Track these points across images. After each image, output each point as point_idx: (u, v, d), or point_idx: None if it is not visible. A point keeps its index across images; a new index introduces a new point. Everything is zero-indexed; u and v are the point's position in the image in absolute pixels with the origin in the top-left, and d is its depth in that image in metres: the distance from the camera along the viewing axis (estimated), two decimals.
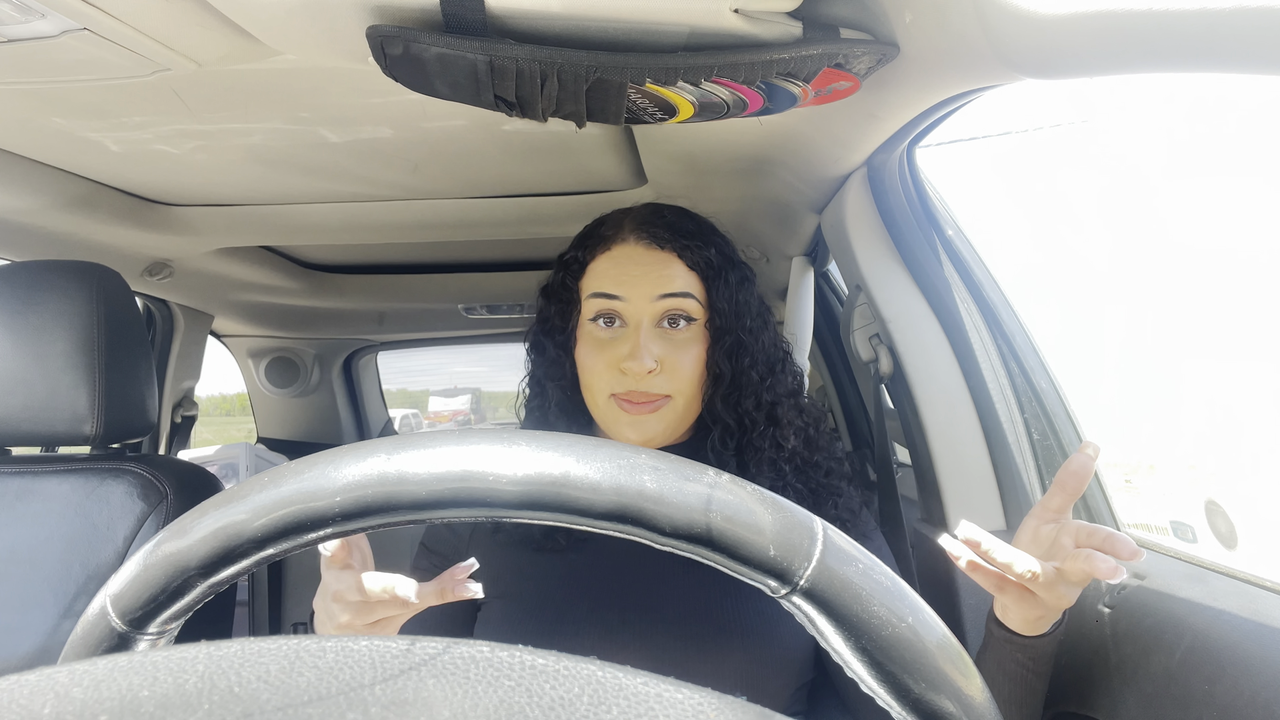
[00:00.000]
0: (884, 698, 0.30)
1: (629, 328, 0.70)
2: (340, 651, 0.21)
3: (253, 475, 0.33)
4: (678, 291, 0.70)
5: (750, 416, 0.72)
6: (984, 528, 0.68)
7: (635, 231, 0.73)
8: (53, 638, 0.88)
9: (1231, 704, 0.51)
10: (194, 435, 1.91)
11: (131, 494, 0.95)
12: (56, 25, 0.58)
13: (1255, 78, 0.35)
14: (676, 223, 0.73)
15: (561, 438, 0.31)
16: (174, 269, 1.44)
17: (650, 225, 0.73)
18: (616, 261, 0.72)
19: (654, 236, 0.72)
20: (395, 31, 0.52)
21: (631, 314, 0.70)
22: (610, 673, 0.22)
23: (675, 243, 0.71)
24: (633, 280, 0.70)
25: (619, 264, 0.72)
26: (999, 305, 0.88)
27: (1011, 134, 22.14)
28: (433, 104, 0.70)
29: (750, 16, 0.52)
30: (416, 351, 2.62)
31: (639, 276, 0.70)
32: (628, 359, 0.68)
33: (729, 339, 0.71)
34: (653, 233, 0.72)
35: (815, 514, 0.32)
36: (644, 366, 0.67)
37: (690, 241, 0.72)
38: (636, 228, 0.73)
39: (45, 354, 0.93)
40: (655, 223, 0.73)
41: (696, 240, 0.72)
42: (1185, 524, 1.70)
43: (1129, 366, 19.18)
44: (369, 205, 1.20)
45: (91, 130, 0.86)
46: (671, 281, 0.70)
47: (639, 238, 0.72)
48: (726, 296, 0.71)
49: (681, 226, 0.73)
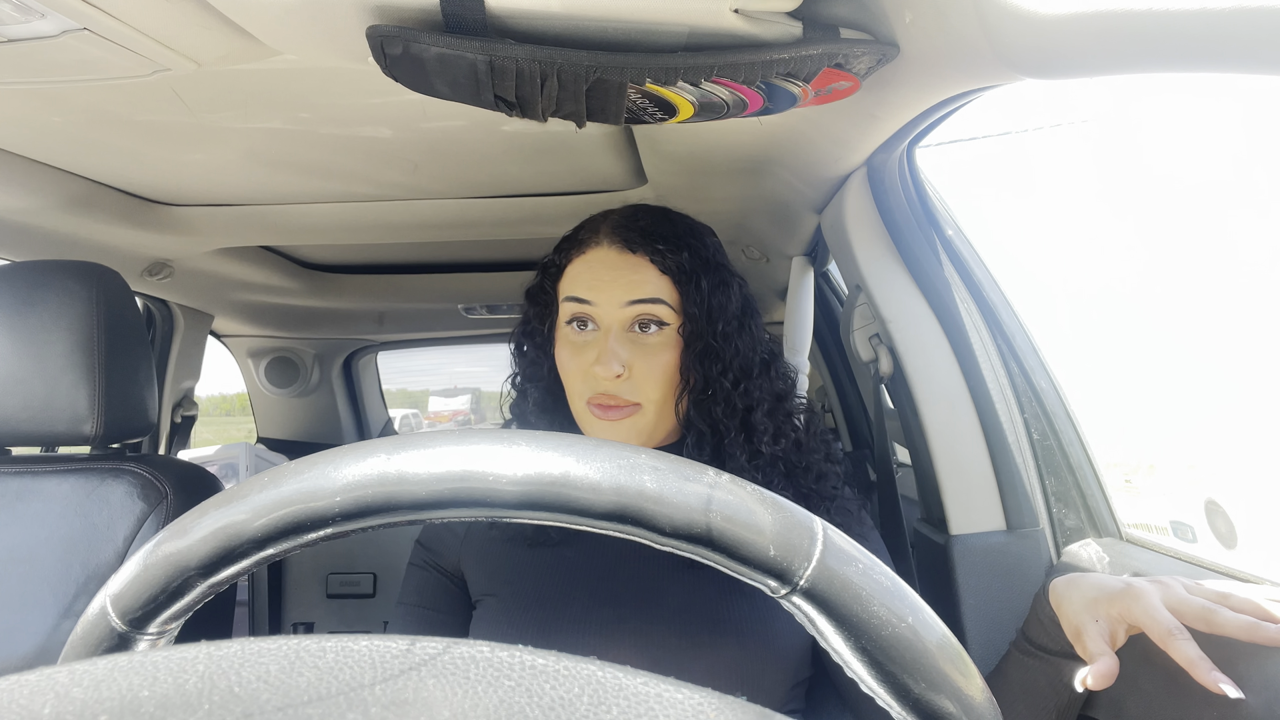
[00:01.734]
0: (884, 698, 0.30)
1: (600, 331, 0.70)
2: (340, 651, 0.21)
3: (253, 475, 0.33)
4: (647, 297, 0.69)
5: (723, 424, 0.71)
6: (984, 528, 0.68)
7: (610, 235, 0.72)
8: (52, 638, 0.88)
9: (1232, 704, 0.51)
10: (194, 435, 1.91)
11: (131, 494, 0.95)
12: (56, 25, 0.58)
13: (1255, 78, 0.35)
14: (651, 226, 0.72)
15: (562, 438, 0.31)
16: (174, 269, 1.44)
17: (624, 229, 0.72)
18: (590, 265, 0.72)
19: (627, 241, 0.71)
20: (395, 31, 0.52)
21: (602, 318, 0.70)
22: (610, 673, 0.22)
23: (647, 247, 0.70)
24: (603, 285, 0.70)
25: (591, 268, 0.71)
26: (999, 305, 0.88)
27: (1011, 134, 22.16)
28: (433, 104, 0.70)
29: (750, 16, 0.52)
30: (416, 351, 2.62)
31: (609, 281, 0.70)
32: (595, 363, 0.68)
33: (699, 344, 0.70)
34: (626, 237, 0.71)
35: None
36: (610, 371, 0.67)
37: (663, 245, 0.71)
38: (611, 231, 0.72)
39: (45, 354, 0.93)
40: (630, 226, 0.72)
41: (670, 244, 0.71)
42: (1185, 524, 1.70)
43: (1129, 366, 19.19)
44: (369, 205, 1.20)
45: (91, 130, 0.86)
46: (641, 287, 0.69)
47: (612, 241, 0.72)
48: (698, 301, 0.70)
49: (656, 230, 0.72)
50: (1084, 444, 0.85)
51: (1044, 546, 0.82)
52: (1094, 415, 0.94)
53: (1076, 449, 0.85)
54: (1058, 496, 0.84)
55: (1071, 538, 0.83)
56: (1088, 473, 0.84)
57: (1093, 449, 0.85)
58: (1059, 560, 0.82)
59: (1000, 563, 0.81)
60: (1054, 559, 0.82)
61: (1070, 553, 0.81)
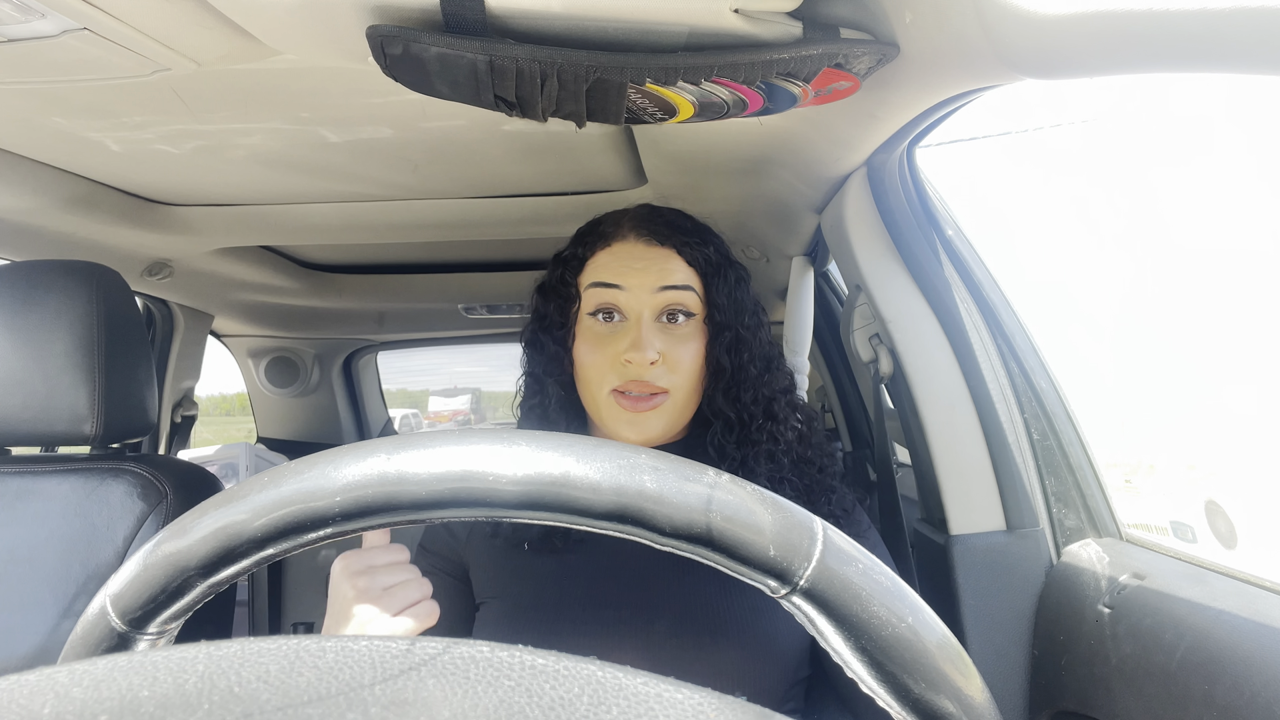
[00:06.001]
0: (884, 698, 0.30)
1: (629, 321, 0.71)
2: (340, 651, 0.21)
3: (253, 475, 0.33)
4: (679, 284, 0.71)
5: (749, 410, 0.73)
6: (984, 528, 0.68)
7: (635, 229, 0.74)
8: (52, 638, 0.88)
9: (1231, 704, 0.51)
10: (194, 435, 1.91)
11: (131, 494, 0.95)
12: (56, 25, 0.58)
13: (1255, 78, 0.35)
14: (675, 220, 0.75)
15: (561, 438, 0.31)
16: (174, 269, 1.44)
17: (649, 222, 0.75)
18: (617, 256, 0.73)
19: (654, 233, 0.73)
20: (395, 31, 0.52)
21: (632, 306, 0.71)
22: (610, 673, 0.22)
23: (675, 239, 0.73)
24: (634, 272, 0.71)
25: (620, 258, 0.73)
26: (999, 305, 0.88)
27: (1011, 134, 22.16)
28: (433, 104, 0.70)
29: (750, 16, 0.52)
30: (416, 351, 2.62)
31: (640, 270, 0.71)
32: (630, 350, 0.68)
33: (728, 334, 0.73)
34: (652, 229, 0.74)
35: (810, 510, 0.32)
36: (647, 357, 0.68)
37: (689, 239, 0.73)
38: (636, 225, 0.75)
39: (45, 354, 0.93)
40: (654, 220, 0.75)
41: (695, 238, 0.74)
42: (1185, 524, 1.70)
43: (1129, 366, 19.19)
44: (369, 205, 1.20)
45: (91, 130, 0.86)
46: (672, 274, 0.71)
47: (639, 234, 0.74)
48: (725, 293, 0.73)
49: (680, 224, 0.75)
50: (1084, 444, 0.85)
51: (1044, 546, 0.82)
52: (1094, 415, 0.94)
53: (1076, 449, 0.85)
54: (1058, 496, 0.84)
55: (1071, 538, 0.83)
56: (1088, 473, 0.84)
57: (1093, 449, 0.85)
58: (1059, 560, 0.82)
59: (1000, 563, 0.81)
60: (1054, 559, 0.82)
61: (1070, 553, 0.81)
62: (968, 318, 0.86)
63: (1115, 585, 0.70)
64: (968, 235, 0.91)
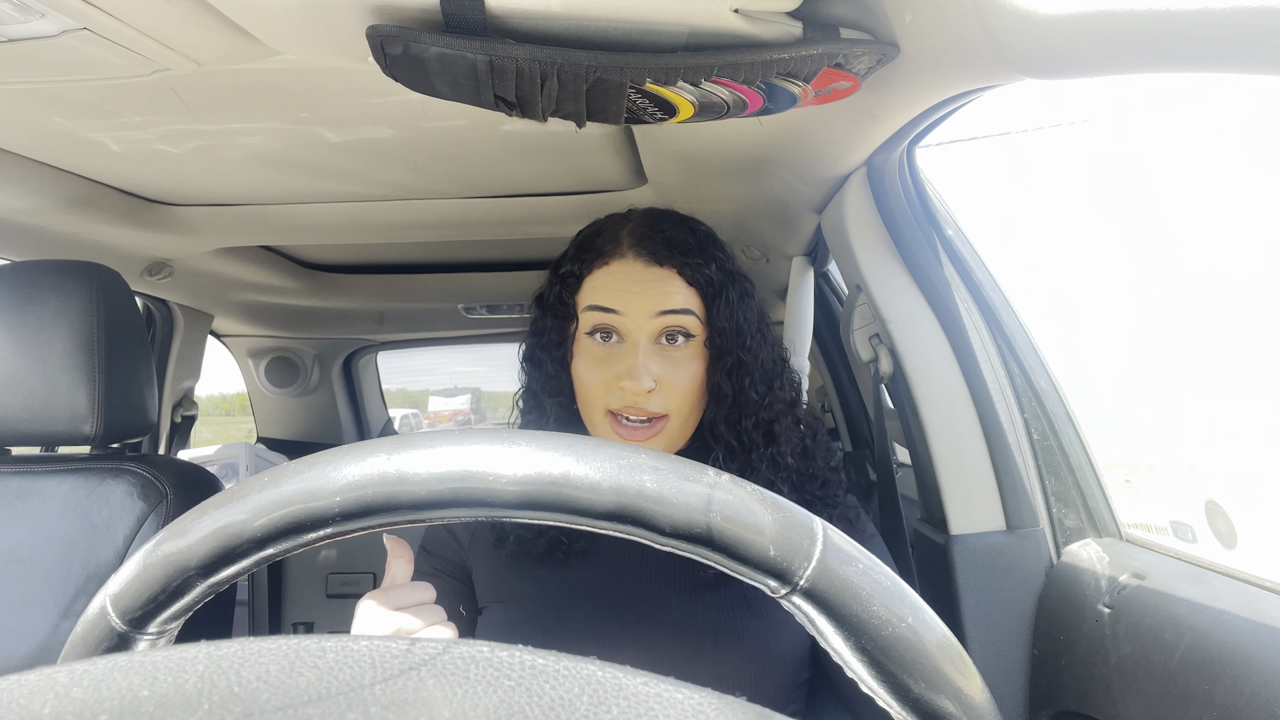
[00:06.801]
0: (884, 698, 0.30)
1: (627, 344, 0.69)
2: (340, 651, 0.21)
3: (253, 475, 0.33)
4: (677, 308, 0.69)
5: (749, 436, 0.72)
6: (984, 528, 0.68)
7: (634, 247, 0.71)
8: (52, 638, 0.88)
9: (1231, 704, 0.51)
10: (194, 435, 1.91)
11: (131, 494, 0.95)
12: (56, 25, 0.58)
13: (1255, 78, 0.35)
14: (676, 237, 0.72)
15: (562, 438, 0.31)
16: (174, 269, 1.44)
17: (649, 240, 0.71)
18: (615, 277, 0.71)
19: (653, 253, 0.70)
20: (395, 31, 0.52)
21: (629, 329, 0.69)
22: (610, 673, 0.22)
23: (675, 259, 0.70)
24: (631, 296, 0.69)
25: (617, 279, 0.70)
26: (999, 305, 0.88)
27: (1011, 134, 22.14)
28: (433, 104, 0.70)
29: (750, 16, 0.52)
30: (416, 351, 2.62)
31: (638, 293, 0.69)
32: (625, 378, 0.67)
33: (729, 359, 0.71)
34: (652, 249, 0.71)
35: None
36: (642, 386, 0.66)
37: (690, 259, 0.70)
38: (635, 243, 0.71)
39: (45, 354, 0.93)
40: (654, 238, 0.71)
41: (697, 257, 0.71)
42: (1185, 524, 1.70)
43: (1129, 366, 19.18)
44: (369, 205, 1.19)
45: (91, 130, 0.86)
46: (671, 298, 0.69)
47: (638, 253, 0.71)
48: (727, 315, 0.70)
49: (681, 242, 0.72)
50: (1084, 444, 0.85)
51: (1044, 546, 0.82)
52: (1094, 415, 0.94)
53: (1076, 449, 0.85)
54: (1058, 496, 0.84)
55: (1071, 538, 0.83)
56: (1088, 473, 0.84)
57: (1093, 449, 0.85)
58: (1059, 560, 0.82)
59: (1000, 563, 0.81)
60: (1054, 559, 0.82)
61: (1070, 553, 0.81)
62: (968, 318, 0.86)
63: (1115, 585, 0.70)
64: (968, 235, 0.91)
